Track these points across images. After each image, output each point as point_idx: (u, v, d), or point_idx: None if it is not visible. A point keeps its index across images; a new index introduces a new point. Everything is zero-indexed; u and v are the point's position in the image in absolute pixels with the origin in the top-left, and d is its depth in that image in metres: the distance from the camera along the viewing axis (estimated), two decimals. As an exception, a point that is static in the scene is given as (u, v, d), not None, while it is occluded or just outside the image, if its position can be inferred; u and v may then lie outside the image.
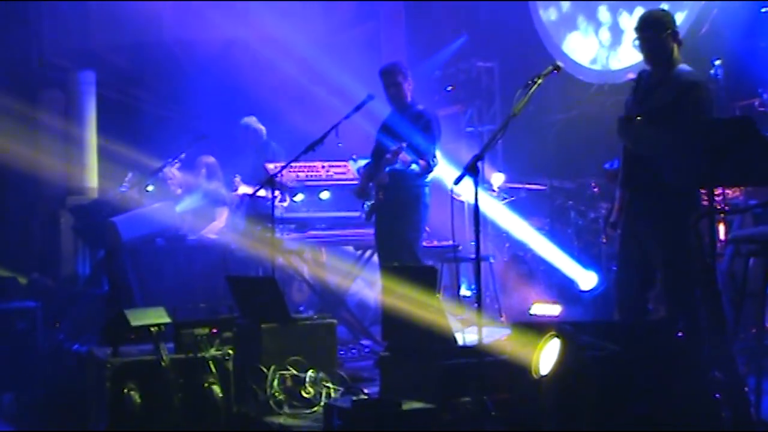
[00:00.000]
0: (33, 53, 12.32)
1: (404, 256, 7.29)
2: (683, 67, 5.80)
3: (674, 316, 5.67)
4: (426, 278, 5.86)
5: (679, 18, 9.01)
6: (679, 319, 5.56)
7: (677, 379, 4.54)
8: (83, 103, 12.51)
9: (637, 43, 5.90)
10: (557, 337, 4.54)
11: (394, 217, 7.52)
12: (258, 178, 9.03)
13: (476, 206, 5.23)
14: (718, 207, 6.59)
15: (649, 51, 5.85)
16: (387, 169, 7.45)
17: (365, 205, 7.71)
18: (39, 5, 12.56)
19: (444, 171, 7.87)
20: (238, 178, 9.50)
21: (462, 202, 9.32)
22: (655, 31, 5.81)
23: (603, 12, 9.94)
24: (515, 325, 5.36)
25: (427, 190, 7.57)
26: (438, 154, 7.58)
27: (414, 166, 7.35)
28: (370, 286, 8.75)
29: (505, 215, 9.54)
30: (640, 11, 9.20)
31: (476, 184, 5.22)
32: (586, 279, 8.54)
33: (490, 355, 5.15)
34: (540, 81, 5.53)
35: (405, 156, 7.28)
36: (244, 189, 9.23)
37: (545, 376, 4.52)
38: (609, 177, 7.38)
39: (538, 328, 4.80)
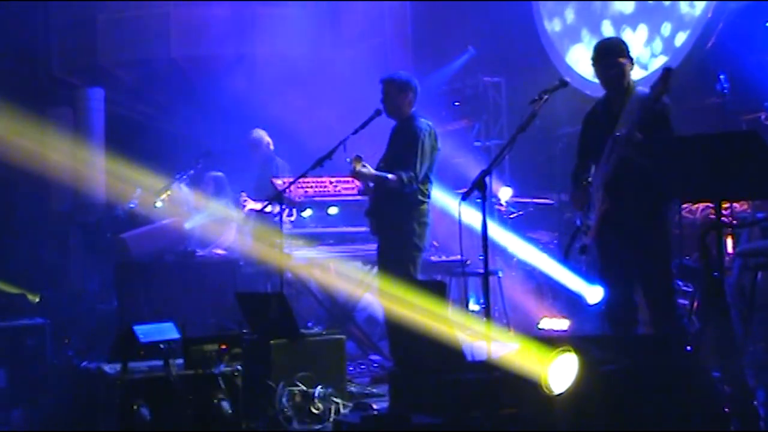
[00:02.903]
0: (42, 70, 12.37)
1: (400, 276, 6.98)
2: (642, 90, 5.89)
3: (659, 325, 5.73)
4: (435, 293, 5.87)
5: (681, 38, 9.05)
6: (664, 326, 5.62)
7: (686, 393, 4.56)
8: (92, 120, 12.57)
9: (593, 70, 6.01)
10: (572, 352, 4.54)
11: (387, 236, 7.33)
12: (263, 193, 9.05)
13: (484, 221, 5.25)
14: (726, 221, 6.59)
15: (607, 78, 5.96)
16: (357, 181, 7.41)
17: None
18: (47, 23, 12.63)
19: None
20: (244, 195, 9.52)
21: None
22: (612, 58, 5.92)
23: (607, 26, 9.97)
24: (524, 340, 5.36)
25: (424, 207, 7.26)
26: (422, 167, 7.19)
27: (389, 179, 7.08)
28: (378, 301, 8.74)
29: (507, 237, 9.55)
30: (643, 28, 9.32)
31: (484, 200, 5.24)
32: (593, 293, 8.53)
33: (499, 369, 5.15)
34: (547, 97, 5.57)
35: (365, 170, 7.12)
36: (252, 205, 9.23)
37: (561, 393, 4.51)
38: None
39: (547, 342, 4.80)
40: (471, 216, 6.10)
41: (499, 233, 9.42)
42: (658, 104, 5.62)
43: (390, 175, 7.10)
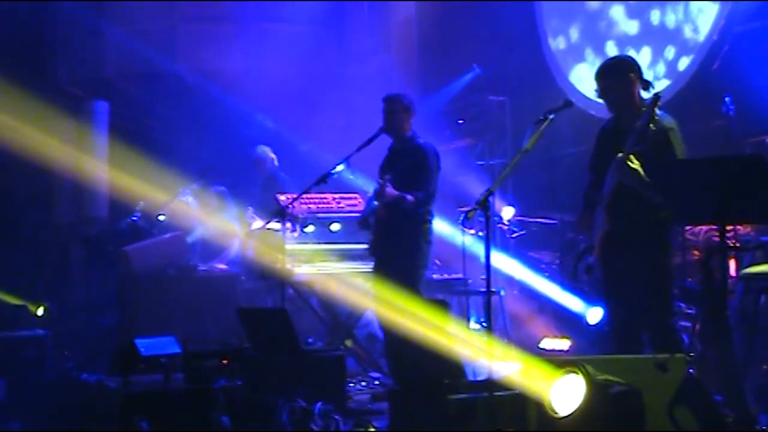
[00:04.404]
0: (48, 82, 12.38)
1: (406, 293, 6.99)
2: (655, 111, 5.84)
3: (657, 347, 5.71)
4: (438, 311, 5.86)
5: (684, 62, 9.05)
6: (661, 348, 5.60)
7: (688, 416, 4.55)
8: (96, 133, 12.57)
9: (597, 92, 5.98)
10: (579, 373, 4.53)
11: (394, 254, 7.37)
12: (266, 208, 9.05)
13: (487, 240, 5.24)
14: (730, 243, 6.57)
15: (612, 99, 5.91)
16: (375, 203, 7.45)
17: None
18: (54, 35, 12.65)
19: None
20: (250, 211, 9.53)
21: (472, 235, 9.32)
22: (616, 78, 5.87)
23: (611, 47, 9.97)
24: (527, 359, 5.34)
25: (428, 225, 7.38)
26: (432, 186, 7.35)
27: (407, 199, 7.19)
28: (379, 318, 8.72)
29: (505, 260, 9.55)
30: (647, 51, 9.34)
31: (487, 219, 5.23)
32: (593, 313, 8.52)
33: (501, 389, 5.13)
34: (552, 118, 5.56)
35: (391, 190, 7.20)
36: (258, 223, 9.23)
37: (567, 415, 4.49)
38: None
39: (549, 362, 4.79)
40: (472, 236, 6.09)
41: (497, 257, 9.39)
42: (649, 130, 5.57)
43: (409, 196, 7.18)
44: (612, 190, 5.70)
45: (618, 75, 5.87)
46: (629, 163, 5.52)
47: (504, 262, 9.50)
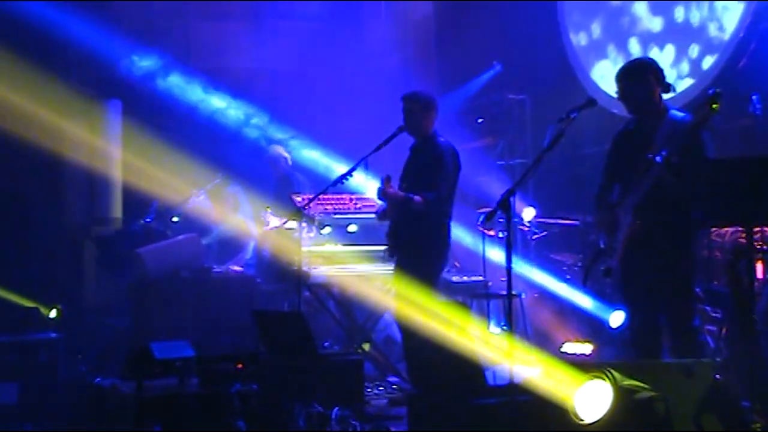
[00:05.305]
0: (60, 81, 12.34)
1: (421, 296, 6.87)
2: (674, 114, 5.83)
3: (680, 350, 5.66)
4: (457, 314, 5.78)
5: (708, 61, 8.91)
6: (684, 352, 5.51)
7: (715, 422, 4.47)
8: (109, 133, 12.53)
9: (617, 94, 5.98)
10: (605, 379, 4.43)
11: (408, 257, 7.24)
12: (281, 209, 8.99)
13: (507, 242, 5.15)
14: (757, 246, 6.46)
15: (632, 100, 5.91)
16: (384, 202, 7.33)
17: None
18: (65, 34, 12.62)
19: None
20: (269, 212, 9.45)
21: (492, 236, 9.18)
22: (635, 80, 5.88)
23: (634, 44, 9.84)
24: (551, 363, 5.24)
25: (445, 227, 7.21)
26: (446, 187, 7.15)
27: (415, 200, 7.02)
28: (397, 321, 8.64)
29: (527, 264, 9.45)
30: (670, 49, 9.20)
31: (508, 220, 5.14)
32: (615, 317, 8.41)
33: (523, 393, 5.03)
34: (574, 116, 5.47)
35: (393, 190, 7.10)
36: (275, 222, 9.15)
37: (593, 422, 4.40)
38: None
39: (573, 367, 4.70)
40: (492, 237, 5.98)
41: (518, 259, 9.29)
42: (702, 129, 5.49)
43: (417, 197, 7.00)
44: (646, 190, 5.62)
45: (637, 77, 5.90)
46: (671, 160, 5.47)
47: (525, 265, 9.38)
